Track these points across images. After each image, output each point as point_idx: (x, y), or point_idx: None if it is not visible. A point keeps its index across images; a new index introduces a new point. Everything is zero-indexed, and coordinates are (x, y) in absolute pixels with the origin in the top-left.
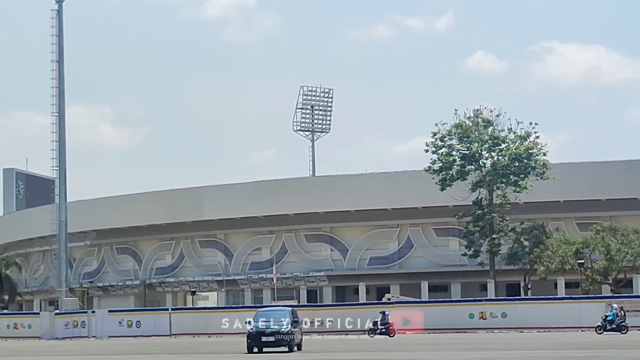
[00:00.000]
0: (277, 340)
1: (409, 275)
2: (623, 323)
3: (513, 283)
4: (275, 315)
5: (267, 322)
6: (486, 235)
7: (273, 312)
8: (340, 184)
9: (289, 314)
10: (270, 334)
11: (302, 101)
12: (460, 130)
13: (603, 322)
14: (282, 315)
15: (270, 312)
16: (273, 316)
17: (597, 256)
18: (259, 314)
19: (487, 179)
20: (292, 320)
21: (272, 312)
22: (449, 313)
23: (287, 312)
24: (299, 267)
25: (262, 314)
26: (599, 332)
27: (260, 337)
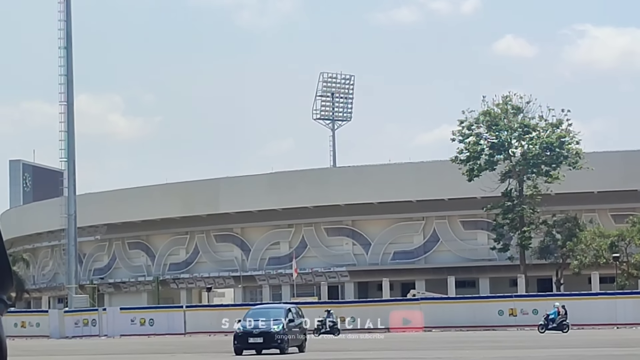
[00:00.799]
0: (265, 341)
1: (434, 271)
2: (564, 322)
3: (544, 278)
4: (268, 313)
5: (257, 321)
6: (516, 228)
7: (267, 310)
8: (362, 174)
9: (284, 312)
10: (258, 335)
11: (322, 88)
12: (489, 118)
13: (545, 321)
14: (275, 313)
15: (263, 310)
16: (265, 315)
17: (634, 249)
18: (250, 312)
19: (517, 169)
20: (288, 319)
21: (266, 311)
22: (477, 310)
23: (282, 311)
24: (319, 262)
25: (253, 313)
26: (541, 330)
27: (248, 338)
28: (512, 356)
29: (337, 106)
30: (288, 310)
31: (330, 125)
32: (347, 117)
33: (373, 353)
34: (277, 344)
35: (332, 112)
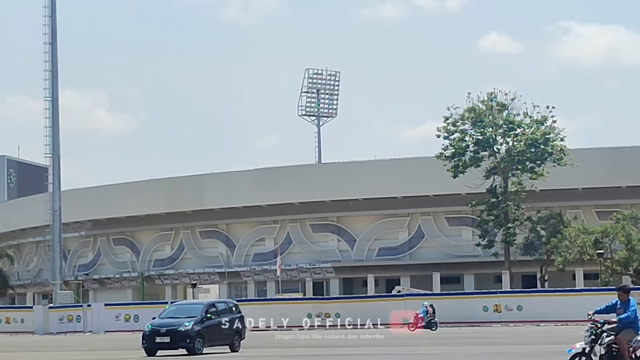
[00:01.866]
0: (173, 340)
1: (419, 267)
2: (433, 320)
3: (529, 274)
4: (185, 310)
5: (168, 319)
6: (501, 224)
7: (184, 307)
8: (348, 171)
9: (201, 309)
10: (164, 334)
11: (308, 85)
12: (474, 114)
13: (415, 320)
14: (191, 311)
15: (180, 307)
16: (180, 312)
17: (618, 246)
18: (166, 309)
19: (501, 166)
20: (204, 317)
21: (182, 308)
22: (461, 306)
23: (199, 308)
24: (304, 258)
25: (169, 310)
26: (412, 329)
27: (155, 337)
28: (497, 352)
29: (323, 102)
30: (209, 306)
31: (316, 121)
32: (332, 114)
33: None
34: (185, 344)
35: (317, 108)
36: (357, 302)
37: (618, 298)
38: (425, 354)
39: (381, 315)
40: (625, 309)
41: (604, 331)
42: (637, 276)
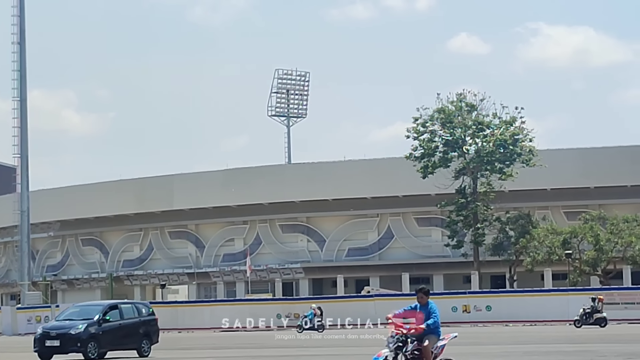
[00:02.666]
0: (62, 344)
1: (389, 267)
2: (320, 322)
3: (498, 275)
4: (83, 312)
5: (63, 321)
6: (470, 224)
7: (83, 308)
8: (317, 171)
9: (98, 311)
10: (55, 337)
11: (277, 85)
12: (443, 115)
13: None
14: (90, 312)
15: (81, 308)
16: (77, 314)
17: (586, 246)
18: (63, 311)
19: (470, 166)
20: (102, 319)
21: (82, 309)
22: None
23: (97, 309)
24: (274, 259)
25: (68, 312)
26: (299, 331)
27: (45, 340)
28: (466, 352)
29: (292, 103)
30: (110, 308)
31: (286, 122)
32: (302, 114)
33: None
34: (76, 348)
35: (287, 108)
36: (326, 303)
37: (417, 301)
38: None
39: (351, 316)
40: (426, 312)
41: (408, 337)
42: (605, 276)
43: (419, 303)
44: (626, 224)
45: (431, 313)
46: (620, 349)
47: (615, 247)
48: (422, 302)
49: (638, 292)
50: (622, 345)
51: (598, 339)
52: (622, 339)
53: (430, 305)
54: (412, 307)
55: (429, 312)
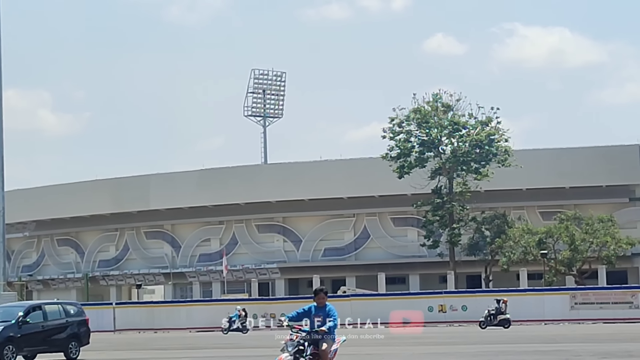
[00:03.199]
0: None
1: (365, 267)
2: (244, 323)
3: (474, 274)
4: (3, 314)
5: None
6: (446, 224)
7: (4, 310)
8: (294, 171)
9: (17, 313)
10: None
11: (253, 85)
12: (419, 115)
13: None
14: (9, 314)
15: (2, 310)
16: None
17: (561, 246)
18: None
19: (446, 166)
20: (20, 321)
21: (2, 311)
22: (407, 306)
23: (19, 310)
24: (250, 259)
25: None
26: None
27: None
28: (442, 352)
29: (269, 103)
30: (31, 309)
31: (262, 122)
32: (278, 114)
33: None
34: None
35: (263, 108)
36: (302, 303)
37: (316, 302)
38: (370, 354)
39: None
40: (323, 315)
41: (306, 340)
42: (581, 276)
43: (317, 305)
44: (601, 224)
45: (330, 315)
46: (595, 348)
47: (591, 247)
48: (322, 303)
49: (613, 292)
50: (597, 345)
51: (573, 339)
52: (597, 339)
53: (328, 307)
54: (306, 310)
55: (327, 314)
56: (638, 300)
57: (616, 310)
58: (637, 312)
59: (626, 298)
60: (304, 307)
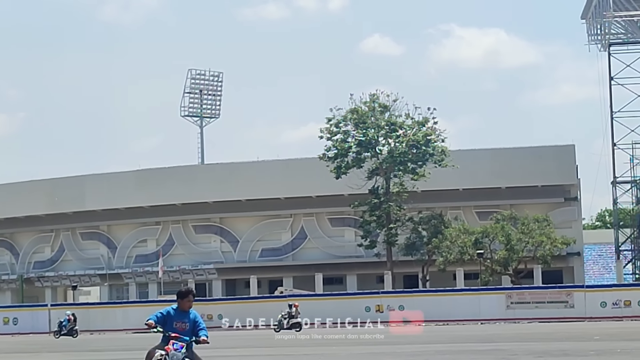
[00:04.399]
0: None
1: (302, 267)
2: (74, 328)
3: (411, 275)
4: None
5: None
6: (383, 225)
7: None
8: (231, 172)
9: None
10: None
11: (190, 85)
12: (356, 115)
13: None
14: None
15: None
16: None
17: (497, 246)
18: None
19: (383, 167)
20: None
21: None
22: (344, 306)
23: None
24: (186, 260)
25: None
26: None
27: None
28: (379, 352)
29: (206, 103)
30: None
31: (199, 122)
32: (215, 114)
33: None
34: None
35: (200, 109)
36: (239, 304)
37: (182, 307)
38: (307, 355)
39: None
40: (189, 321)
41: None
42: (516, 276)
43: (180, 309)
44: (537, 224)
45: (199, 323)
46: (531, 347)
47: (526, 246)
48: (188, 307)
49: (548, 292)
50: (533, 344)
51: (509, 338)
52: (532, 338)
53: (193, 313)
54: (165, 314)
55: (194, 321)
56: (573, 299)
57: (551, 310)
58: (573, 311)
59: (561, 297)
60: (162, 311)
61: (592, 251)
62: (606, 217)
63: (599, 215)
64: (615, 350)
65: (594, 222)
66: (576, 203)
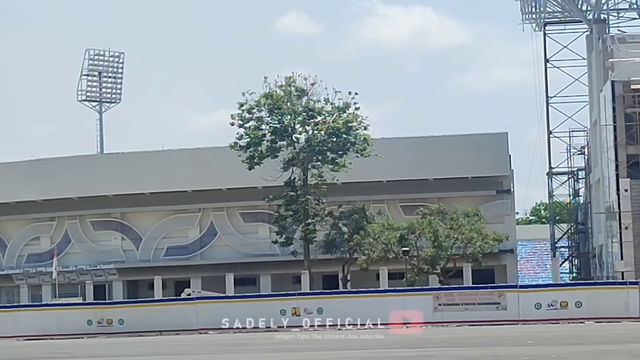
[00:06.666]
0: None
1: (212, 267)
2: None
3: (330, 274)
4: None
5: None
6: (300, 220)
7: None
8: (133, 162)
9: None
10: None
11: (88, 67)
12: (271, 100)
13: None
14: None
15: None
16: None
17: (424, 243)
18: None
19: (301, 156)
20: None
21: None
22: (257, 309)
23: None
24: (84, 259)
25: None
26: None
27: None
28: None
29: (105, 86)
30: None
31: (98, 107)
32: (116, 99)
33: None
34: None
35: (99, 93)
36: (142, 307)
37: None
38: None
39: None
40: None
41: None
42: (445, 275)
43: None
44: (467, 219)
45: None
46: (461, 353)
47: (455, 243)
48: None
49: (479, 292)
50: (463, 349)
51: (437, 343)
52: (462, 342)
53: None
54: None
55: None
56: (506, 300)
57: (482, 312)
58: (505, 313)
59: (493, 299)
60: None
61: (526, 248)
62: (541, 211)
63: (533, 209)
64: (550, 355)
65: (529, 216)
66: (509, 196)
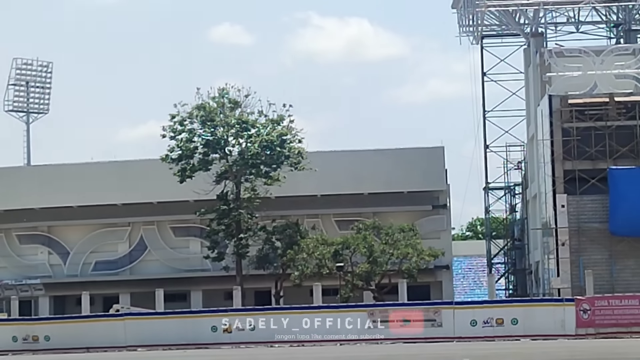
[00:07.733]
0: None
1: (141, 283)
2: None
3: (263, 290)
4: None
5: None
6: (232, 234)
7: None
8: (60, 175)
9: None
10: None
11: (15, 76)
12: (203, 112)
13: None
14: None
15: None
16: None
17: (359, 259)
18: None
19: (233, 170)
20: None
21: None
22: (188, 326)
23: None
24: (9, 274)
25: None
26: None
27: None
28: None
29: (33, 97)
30: None
31: (25, 118)
32: (44, 110)
33: None
34: None
35: (26, 103)
36: (69, 323)
37: None
38: None
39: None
40: None
41: None
42: (380, 291)
43: None
44: (402, 234)
45: None
46: None
47: (391, 259)
48: None
49: (415, 310)
50: None
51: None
52: None
53: None
54: None
55: None
56: (441, 317)
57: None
58: (440, 330)
59: (429, 315)
60: None
61: (462, 264)
62: (477, 227)
63: (469, 224)
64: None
65: (465, 231)
66: (445, 211)
